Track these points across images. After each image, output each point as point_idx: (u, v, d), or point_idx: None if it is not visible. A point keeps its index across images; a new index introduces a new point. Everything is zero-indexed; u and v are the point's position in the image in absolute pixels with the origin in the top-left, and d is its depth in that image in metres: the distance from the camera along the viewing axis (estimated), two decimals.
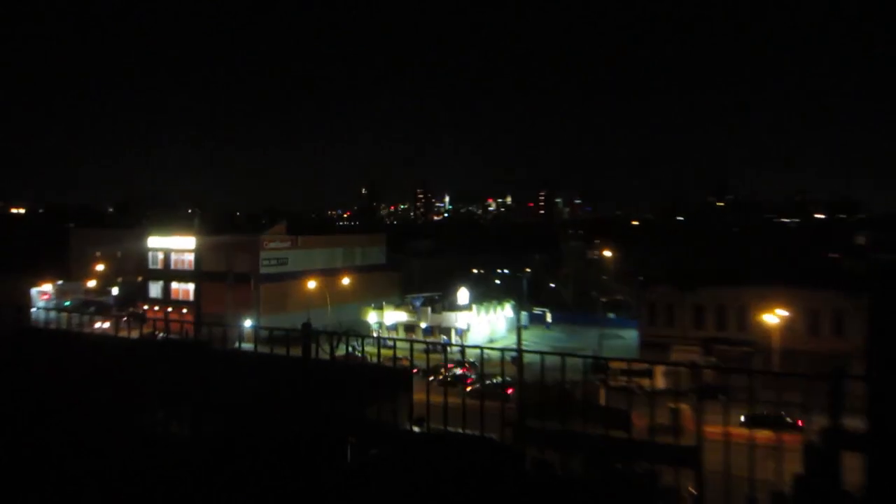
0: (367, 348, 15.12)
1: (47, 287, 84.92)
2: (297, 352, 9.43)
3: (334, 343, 9.90)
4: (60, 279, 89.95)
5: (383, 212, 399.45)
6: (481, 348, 9.33)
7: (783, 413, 31.21)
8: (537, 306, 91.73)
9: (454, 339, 78.84)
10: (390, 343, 30.51)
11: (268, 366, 9.89)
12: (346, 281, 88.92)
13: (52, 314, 12.36)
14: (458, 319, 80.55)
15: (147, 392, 9.92)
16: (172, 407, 9.55)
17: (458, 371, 49.17)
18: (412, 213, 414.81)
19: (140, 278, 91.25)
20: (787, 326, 59.93)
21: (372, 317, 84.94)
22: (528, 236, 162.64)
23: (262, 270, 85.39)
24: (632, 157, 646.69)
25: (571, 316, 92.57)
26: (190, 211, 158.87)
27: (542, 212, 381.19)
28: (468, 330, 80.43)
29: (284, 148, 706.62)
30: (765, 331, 60.59)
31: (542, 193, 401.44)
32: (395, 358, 10.34)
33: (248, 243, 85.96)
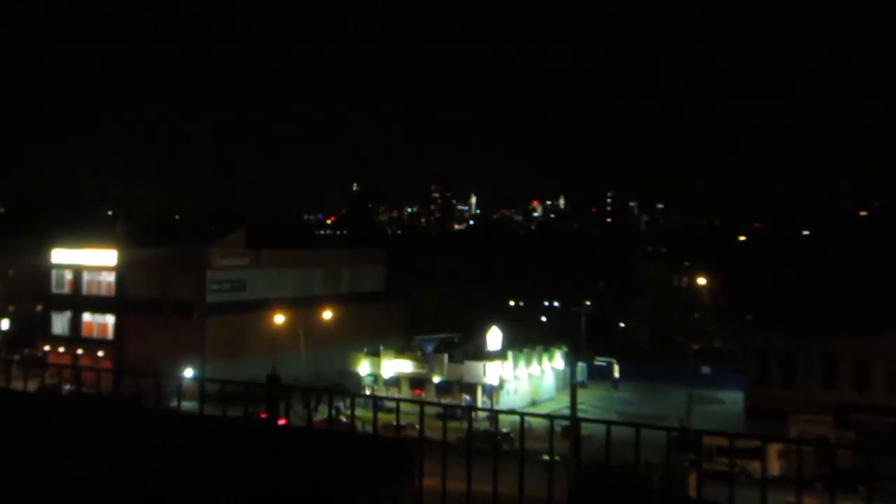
0: (358, 411, 14.95)
1: None
2: (259, 414, 9.46)
3: (312, 403, 9.88)
4: None
5: (382, 216, 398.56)
6: (521, 414, 9.44)
7: None
8: (600, 356, 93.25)
9: (481, 400, 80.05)
10: (390, 404, 31.76)
11: (217, 436, 9.89)
12: (327, 315, 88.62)
13: None
14: (486, 372, 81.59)
15: (38, 483, 9.73)
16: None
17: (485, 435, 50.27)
18: (423, 220, 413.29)
19: (40, 307, 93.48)
20: None
21: (364, 367, 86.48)
22: (588, 254, 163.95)
23: (210, 298, 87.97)
24: (734, 148, 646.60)
25: (649, 370, 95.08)
26: (111, 213, 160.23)
27: (609, 220, 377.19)
28: (501, 387, 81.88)
29: (243, 126, 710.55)
30: None
31: (610, 195, 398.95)
32: (397, 426, 10.61)
33: (190, 259, 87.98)
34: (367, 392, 77.87)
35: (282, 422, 11.46)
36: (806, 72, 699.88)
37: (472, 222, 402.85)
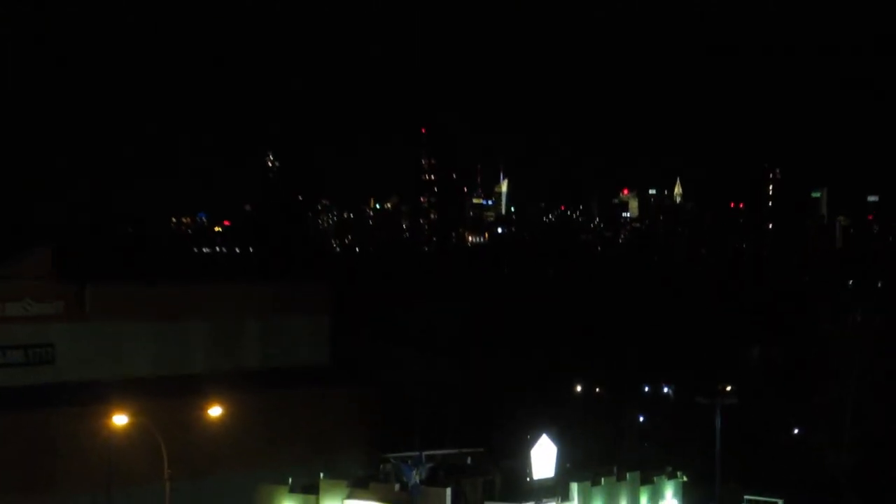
0: None
1: None
2: None
3: None
4: None
5: (326, 218, 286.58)
6: None
7: None
8: (755, 495, 75.37)
9: None
10: None
11: None
12: (215, 412, 69.13)
13: None
14: None
15: None
16: None
17: None
18: (406, 225, 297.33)
19: None
20: None
21: None
22: (735, 290, 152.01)
23: None
24: None
25: None
26: None
27: (770, 225, 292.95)
28: None
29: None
30: None
31: (772, 173, 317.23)
32: None
33: None
34: None
35: None
36: None
37: (500, 229, 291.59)
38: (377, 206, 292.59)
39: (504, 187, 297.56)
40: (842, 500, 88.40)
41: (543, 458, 65.66)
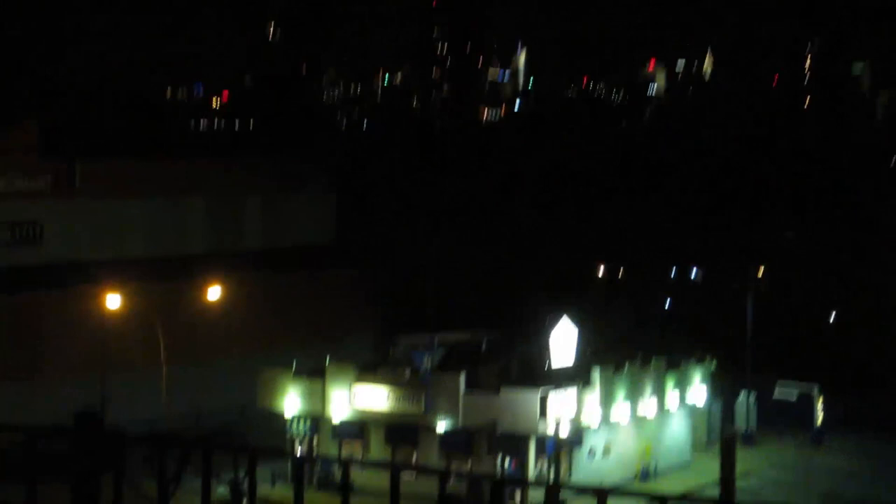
0: (280, 489, 19.97)
1: None
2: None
3: (181, 472, 15.84)
4: None
5: (330, 92, 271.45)
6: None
7: None
8: (786, 379, 76.10)
9: (535, 469, 61.29)
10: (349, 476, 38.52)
11: None
12: (214, 293, 68.04)
13: None
14: (548, 411, 61.49)
15: None
16: None
17: None
18: (416, 100, 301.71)
19: None
20: None
21: (292, 399, 66.52)
22: (765, 171, 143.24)
23: None
24: None
25: (888, 409, 77.64)
26: None
27: (809, 97, 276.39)
28: (580, 443, 63.04)
29: None
30: None
31: (811, 42, 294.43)
32: None
33: None
34: (298, 451, 62.13)
35: None
36: None
37: (517, 104, 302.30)
38: (387, 76, 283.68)
39: (522, 60, 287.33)
40: (880, 388, 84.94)
41: (563, 341, 61.99)
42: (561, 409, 59.70)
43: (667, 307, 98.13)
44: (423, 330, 73.25)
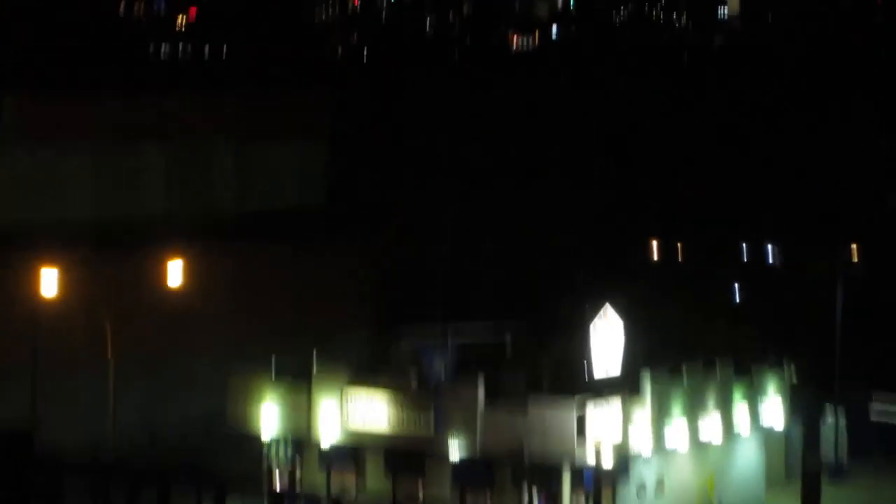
0: None
1: None
2: None
3: None
4: None
5: (328, 11, 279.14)
6: None
7: None
8: (882, 397, 68.62)
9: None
10: None
11: None
12: (175, 273, 60.99)
13: None
14: (587, 431, 54.48)
15: None
16: None
17: None
18: (429, 23, 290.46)
19: None
20: None
21: (270, 411, 59.35)
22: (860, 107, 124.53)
23: None
24: None
25: None
26: None
27: None
28: (625, 473, 55.26)
29: None
30: None
31: None
32: None
33: None
34: (277, 483, 55.97)
35: None
36: None
37: (555, 31, 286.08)
38: None
39: None
40: None
41: (606, 336, 56.25)
42: (603, 429, 53.36)
43: (735, 296, 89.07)
44: (432, 320, 66.70)
